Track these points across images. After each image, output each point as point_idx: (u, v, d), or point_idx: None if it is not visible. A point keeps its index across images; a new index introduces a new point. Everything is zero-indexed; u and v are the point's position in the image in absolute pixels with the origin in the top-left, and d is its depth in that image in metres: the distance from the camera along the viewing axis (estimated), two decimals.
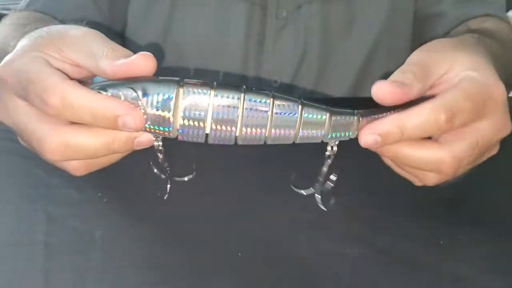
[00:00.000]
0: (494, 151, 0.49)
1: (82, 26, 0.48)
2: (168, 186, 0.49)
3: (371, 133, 0.44)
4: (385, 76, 0.46)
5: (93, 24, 0.51)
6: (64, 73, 0.44)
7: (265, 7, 0.80)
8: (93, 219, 0.51)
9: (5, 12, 0.81)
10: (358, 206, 0.54)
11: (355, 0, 0.82)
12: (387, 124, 0.44)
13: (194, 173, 0.50)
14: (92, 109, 0.41)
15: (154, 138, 0.44)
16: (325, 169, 0.48)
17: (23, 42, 0.46)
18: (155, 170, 0.49)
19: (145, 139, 0.44)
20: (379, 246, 0.49)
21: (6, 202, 0.54)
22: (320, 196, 0.51)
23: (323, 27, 0.81)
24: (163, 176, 0.48)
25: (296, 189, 0.52)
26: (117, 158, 0.47)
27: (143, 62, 0.42)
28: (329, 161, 0.47)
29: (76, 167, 0.45)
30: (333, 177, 0.49)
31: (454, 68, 0.47)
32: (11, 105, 0.44)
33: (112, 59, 0.43)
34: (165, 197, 0.49)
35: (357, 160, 0.51)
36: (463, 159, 0.46)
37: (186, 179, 0.50)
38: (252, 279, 0.45)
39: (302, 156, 0.54)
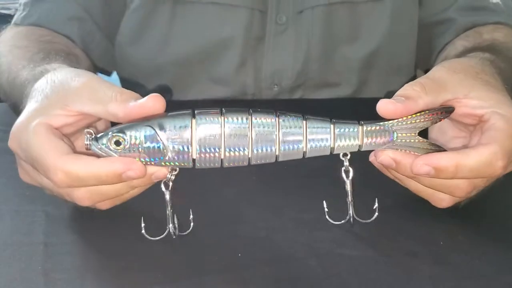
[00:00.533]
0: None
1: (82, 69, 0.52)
2: (171, 227, 0.48)
3: (427, 165, 0.46)
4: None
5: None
6: (67, 126, 0.47)
7: (264, 12, 0.80)
8: (93, 220, 0.51)
9: (5, 12, 0.81)
10: (358, 206, 0.54)
11: (358, 6, 0.81)
12: (445, 160, 0.45)
13: (192, 225, 0.50)
14: (95, 175, 0.44)
15: (170, 171, 0.47)
16: (348, 188, 0.49)
17: (31, 106, 0.48)
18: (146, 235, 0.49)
19: (160, 173, 0.46)
20: (380, 247, 0.49)
21: (5, 203, 0.54)
22: (351, 216, 0.50)
23: (325, 32, 0.81)
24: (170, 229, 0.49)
25: (332, 221, 0.51)
26: (141, 190, 0.49)
27: (154, 104, 0.45)
28: (350, 178, 0.48)
29: (102, 205, 0.49)
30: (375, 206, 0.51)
31: (476, 97, 0.48)
32: (29, 170, 0.48)
33: (122, 103, 0.45)
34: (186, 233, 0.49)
35: (357, 161, 0.51)
36: (477, 187, 0.48)
37: (186, 232, 0.49)
38: (252, 279, 0.45)
39: (303, 158, 0.54)
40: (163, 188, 0.47)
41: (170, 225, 0.48)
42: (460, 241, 0.50)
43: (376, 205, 0.50)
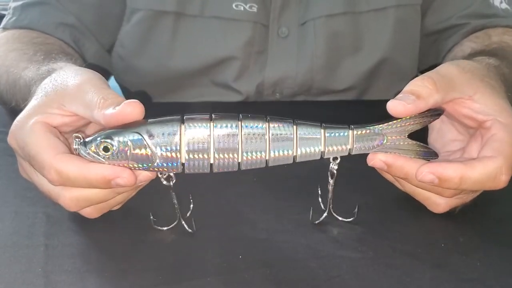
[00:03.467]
0: None
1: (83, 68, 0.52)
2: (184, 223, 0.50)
3: (431, 173, 0.46)
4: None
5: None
6: (64, 125, 0.48)
7: (267, 25, 0.80)
8: (93, 221, 0.51)
9: (5, 12, 0.81)
10: (358, 208, 0.54)
11: (360, 16, 0.81)
12: (450, 170, 0.45)
13: (191, 206, 0.51)
14: (85, 178, 0.44)
15: (161, 176, 0.47)
16: (330, 188, 0.50)
17: (31, 104, 0.49)
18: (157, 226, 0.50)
19: (143, 177, 0.46)
20: (380, 249, 0.49)
21: (6, 204, 0.54)
22: (325, 215, 0.51)
23: (328, 43, 0.81)
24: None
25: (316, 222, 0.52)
26: (127, 197, 0.50)
27: (131, 110, 0.45)
28: (333, 180, 0.49)
29: (89, 213, 0.49)
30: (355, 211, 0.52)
31: (480, 101, 0.48)
32: (27, 168, 0.48)
33: (103, 109, 0.45)
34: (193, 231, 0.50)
35: (357, 163, 0.51)
36: (465, 191, 0.49)
37: (190, 231, 0.50)
38: (253, 281, 0.45)
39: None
40: (171, 191, 0.48)
41: (182, 222, 0.49)
42: (460, 243, 0.50)
43: (356, 209, 0.52)
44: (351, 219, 0.52)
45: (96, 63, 0.82)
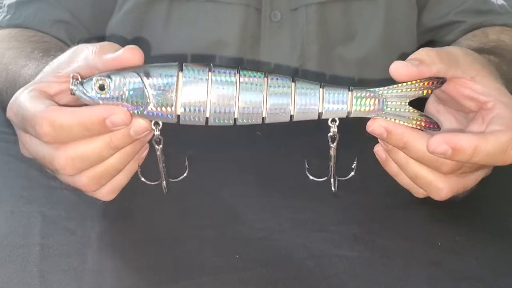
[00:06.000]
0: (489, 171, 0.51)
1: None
2: (164, 183, 0.50)
3: (445, 143, 0.44)
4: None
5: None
6: (61, 93, 0.47)
7: (259, 9, 0.80)
8: (89, 221, 0.51)
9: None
10: (356, 207, 0.54)
11: (352, 5, 0.81)
12: (465, 141, 0.44)
13: (187, 171, 0.51)
14: (80, 122, 0.43)
15: (154, 127, 0.46)
16: (332, 153, 0.49)
17: (31, 82, 0.49)
18: (142, 178, 0.50)
19: (139, 125, 0.45)
20: (377, 247, 0.49)
21: (1, 204, 0.54)
22: (332, 180, 0.51)
23: (320, 31, 0.81)
24: (154, 183, 0.49)
25: (311, 177, 0.52)
26: (123, 159, 0.48)
27: (130, 55, 0.45)
28: (335, 144, 0.48)
29: (85, 183, 0.47)
30: (353, 166, 0.51)
31: (481, 83, 0.48)
32: (23, 139, 0.47)
33: (102, 54, 0.46)
34: (165, 192, 0.50)
35: (354, 160, 0.51)
36: (463, 167, 0.48)
37: (180, 178, 0.51)
38: (250, 281, 0.45)
39: (301, 159, 0.54)
40: (155, 145, 0.47)
41: (164, 182, 0.49)
42: (457, 242, 0.50)
43: (355, 164, 0.51)
44: (351, 174, 0.51)
45: None
